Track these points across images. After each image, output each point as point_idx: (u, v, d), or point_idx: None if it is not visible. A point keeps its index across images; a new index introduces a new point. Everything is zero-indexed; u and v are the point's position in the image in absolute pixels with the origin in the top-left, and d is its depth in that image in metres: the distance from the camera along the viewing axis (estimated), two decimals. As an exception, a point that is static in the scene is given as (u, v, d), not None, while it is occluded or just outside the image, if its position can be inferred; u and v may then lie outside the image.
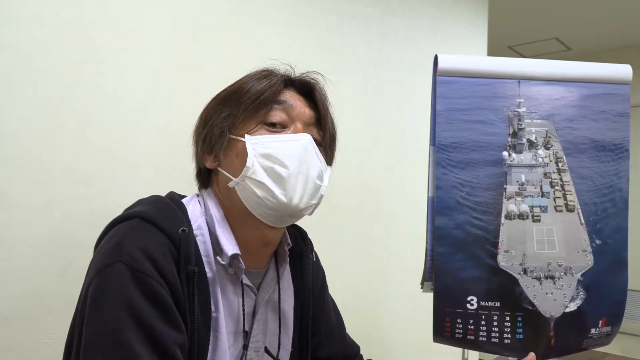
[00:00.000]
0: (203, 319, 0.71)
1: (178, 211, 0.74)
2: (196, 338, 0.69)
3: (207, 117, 0.80)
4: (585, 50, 4.17)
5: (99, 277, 0.64)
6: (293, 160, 0.74)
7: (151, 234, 0.68)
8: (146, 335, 0.62)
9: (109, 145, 1.07)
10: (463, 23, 2.27)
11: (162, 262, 0.66)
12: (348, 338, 1.01)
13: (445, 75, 0.83)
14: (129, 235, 0.67)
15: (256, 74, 0.80)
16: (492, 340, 0.82)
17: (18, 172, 0.94)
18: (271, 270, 0.83)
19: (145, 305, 0.63)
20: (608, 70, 0.88)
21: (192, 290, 0.69)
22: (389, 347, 1.90)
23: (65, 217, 1.00)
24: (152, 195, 0.78)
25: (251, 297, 0.80)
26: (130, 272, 0.63)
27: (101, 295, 0.63)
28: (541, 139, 0.85)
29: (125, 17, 1.10)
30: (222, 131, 0.76)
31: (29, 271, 0.95)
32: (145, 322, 0.62)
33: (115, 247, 0.65)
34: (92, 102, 1.04)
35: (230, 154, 0.77)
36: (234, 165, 0.76)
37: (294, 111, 0.78)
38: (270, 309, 0.83)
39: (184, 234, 0.70)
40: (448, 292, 0.81)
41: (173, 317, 0.66)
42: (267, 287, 0.82)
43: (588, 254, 0.84)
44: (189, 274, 0.69)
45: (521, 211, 0.83)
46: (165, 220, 0.70)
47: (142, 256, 0.64)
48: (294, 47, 1.51)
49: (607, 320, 0.86)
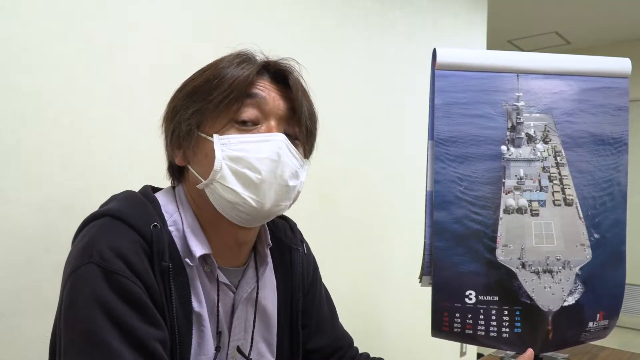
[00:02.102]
0: (183, 314, 0.70)
1: (150, 206, 0.72)
2: (177, 333, 0.69)
3: (174, 109, 0.75)
4: (584, 44, 4.16)
5: (72, 279, 0.64)
6: (265, 163, 0.70)
7: (122, 232, 0.66)
8: (124, 334, 0.61)
9: (105, 141, 1.06)
10: (462, 16, 2.27)
11: (134, 259, 0.65)
12: (340, 329, 0.99)
13: (443, 69, 0.83)
14: (99, 234, 0.66)
15: (231, 60, 0.74)
16: (490, 334, 0.82)
17: (14, 166, 0.94)
18: (251, 269, 0.82)
19: (119, 304, 0.62)
20: (607, 64, 0.87)
21: (169, 286, 0.68)
22: (387, 341, 1.91)
23: (62, 211, 0.99)
24: (125, 191, 0.76)
25: (229, 295, 0.79)
26: (102, 272, 0.62)
27: (75, 297, 0.63)
28: (540, 133, 0.85)
29: (122, 11, 1.09)
30: (189, 128, 0.72)
31: (26, 266, 0.95)
32: (121, 320, 0.62)
33: (85, 247, 0.65)
34: (89, 98, 1.04)
35: (198, 152, 0.73)
36: (203, 166, 0.72)
37: (267, 106, 0.73)
38: (251, 306, 0.82)
39: (155, 229, 0.68)
40: (446, 286, 0.81)
41: (150, 314, 0.65)
42: (245, 285, 0.80)
43: (586, 248, 0.84)
44: (163, 270, 0.68)
45: (519, 205, 0.83)
46: (136, 216, 0.69)
47: (113, 255, 0.64)
48: (293, 40, 1.50)
49: (605, 314, 0.86)
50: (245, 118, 0.72)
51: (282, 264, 0.89)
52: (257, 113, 0.73)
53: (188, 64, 1.22)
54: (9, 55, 0.93)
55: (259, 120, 0.73)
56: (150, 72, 1.14)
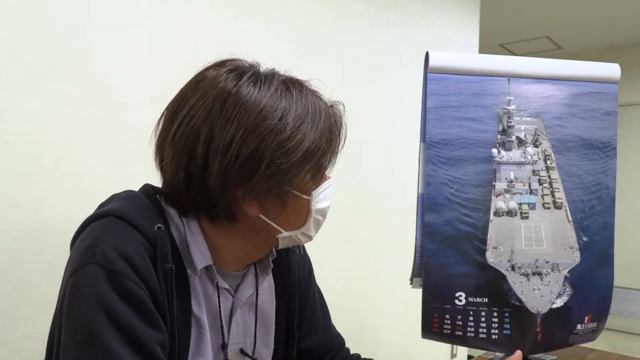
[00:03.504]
0: (183, 316, 0.70)
1: (153, 207, 0.71)
2: (177, 336, 0.68)
3: (260, 161, 0.66)
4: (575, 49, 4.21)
5: (73, 279, 0.63)
6: (328, 206, 0.76)
7: (126, 233, 0.66)
8: (124, 335, 0.61)
9: (98, 141, 1.06)
10: (455, 20, 2.28)
11: (138, 261, 0.64)
12: (333, 330, 1.00)
13: (436, 72, 0.84)
14: (103, 234, 0.65)
15: (331, 130, 0.72)
16: (479, 335, 0.82)
17: (6, 166, 0.93)
18: (251, 275, 0.82)
19: (120, 305, 0.62)
20: (597, 69, 0.89)
21: (171, 288, 0.68)
22: (378, 342, 1.91)
23: (53, 212, 0.99)
24: (126, 190, 0.75)
25: (228, 299, 0.79)
26: (105, 273, 0.62)
27: (76, 298, 0.62)
28: (530, 137, 0.86)
29: (117, 12, 1.09)
30: (282, 186, 0.68)
31: (15, 266, 0.94)
32: (122, 322, 0.61)
33: (89, 247, 0.64)
34: (82, 98, 1.04)
35: (285, 206, 0.71)
36: (289, 219, 0.73)
37: None
38: (250, 310, 0.82)
39: (159, 231, 0.68)
40: (437, 287, 0.82)
41: (151, 316, 0.65)
42: (244, 290, 0.80)
43: (575, 251, 0.85)
44: (166, 271, 0.67)
45: (510, 208, 0.84)
46: (141, 217, 0.68)
47: (116, 256, 0.63)
48: (287, 43, 1.51)
49: (593, 317, 0.87)
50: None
51: (279, 265, 0.89)
52: None
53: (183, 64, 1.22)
54: (2, 57, 0.93)
55: None
56: (145, 74, 1.14)
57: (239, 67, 0.71)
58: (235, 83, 0.68)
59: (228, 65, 0.71)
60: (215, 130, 0.66)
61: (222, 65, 0.72)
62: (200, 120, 0.66)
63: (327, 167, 0.74)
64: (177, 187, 0.69)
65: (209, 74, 0.70)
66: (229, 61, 0.73)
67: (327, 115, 0.72)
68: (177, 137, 0.68)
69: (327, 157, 0.72)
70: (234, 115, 0.66)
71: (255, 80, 0.69)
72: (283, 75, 0.73)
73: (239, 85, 0.68)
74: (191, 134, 0.66)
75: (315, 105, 0.71)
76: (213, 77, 0.69)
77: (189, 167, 0.67)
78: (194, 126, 0.66)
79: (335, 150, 0.73)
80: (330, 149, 0.72)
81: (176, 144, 0.68)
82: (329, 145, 0.72)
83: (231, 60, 0.73)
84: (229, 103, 0.66)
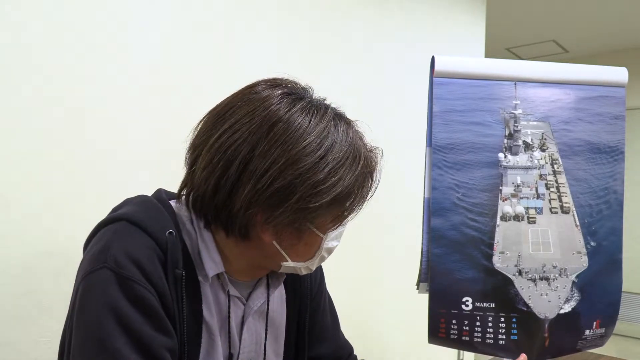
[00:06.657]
0: (194, 322, 0.70)
1: (165, 212, 0.72)
2: (186, 342, 0.69)
3: (295, 186, 0.65)
4: (582, 52, 4.19)
5: (85, 283, 0.64)
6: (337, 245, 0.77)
7: (138, 238, 0.66)
8: (133, 341, 0.61)
9: (106, 145, 1.07)
10: (461, 25, 2.28)
11: (148, 266, 0.65)
12: (342, 338, 1.00)
13: (442, 76, 0.84)
14: (115, 239, 0.66)
15: (365, 178, 0.73)
16: (486, 341, 0.82)
17: (14, 171, 0.94)
18: (263, 284, 0.82)
19: (131, 310, 0.62)
20: (604, 73, 0.88)
21: (181, 294, 0.68)
22: (384, 348, 1.90)
23: (61, 216, 0.99)
24: (139, 195, 0.76)
25: (239, 307, 0.79)
26: (116, 277, 0.62)
27: (87, 302, 0.63)
28: (537, 141, 0.85)
29: (123, 14, 1.10)
30: (303, 222, 0.69)
31: (25, 270, 0.95)
32: (132, 327, 0.61)
33: (100, 252, 0.64)
34: (89, 101, 1.04)
35: (299, 239, 0.71)
36: (299, 251, 0.73)
37: None
38: (261, 319, 0.82)
39: (171, 236, 0.68)
40: (443, 293, 0.82)
41: (161, 322, 0.65)
42: (256, 299, 0.80)
43: (583, 256, 0.84)
44: (176, 277, 0.68)
45: (516, 212, 0.83)
46: (152, 222, 0.68)
47: (128, 261, 0.63)
48: (292, 47, 1.51)
49: (602, 322, 0.86)
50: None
51: (291, 274, 0.89)
52: None
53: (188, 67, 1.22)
54: (11, 59, 0.94)
55: None
56: (151, 77, 1.14)
57: (294, 92, 0.69)
58: (288, 110, 0.66)
59: (283, 86, 0.70)
60: (256, 152, 0.64)
61: (276, 85, 0.70)
62: (244, 137, 0.65)
63: (351, 212, 0.73)
64: (203, 194, 0.68)
65: (262, 91, 0.68)
66: (283, 82, 0.71)
67: (366, 162, 0.72)
68: (215, 146, 0.66)
69: (355, 203, 0.72)
70: (279, 143, 0.64)
71: (308, 110, 0.68)
72: (334, 109, 0.73)
73: (290, 113, 0.66)
74: (231, 148, 0.65)
75: (357, 149, 0.71)
76: (265, 97, 0.67)
77: (219, 180, 0.66)
78: (235, 141, 0.65)
79: (364, 197, 0.73)
80: (360, 195, 0.72)
81: (214, 154, 0.66)
82: (359, 192, 0.71)
83: (286, 82, 0.71)
84: (277, 128, 0.65)
